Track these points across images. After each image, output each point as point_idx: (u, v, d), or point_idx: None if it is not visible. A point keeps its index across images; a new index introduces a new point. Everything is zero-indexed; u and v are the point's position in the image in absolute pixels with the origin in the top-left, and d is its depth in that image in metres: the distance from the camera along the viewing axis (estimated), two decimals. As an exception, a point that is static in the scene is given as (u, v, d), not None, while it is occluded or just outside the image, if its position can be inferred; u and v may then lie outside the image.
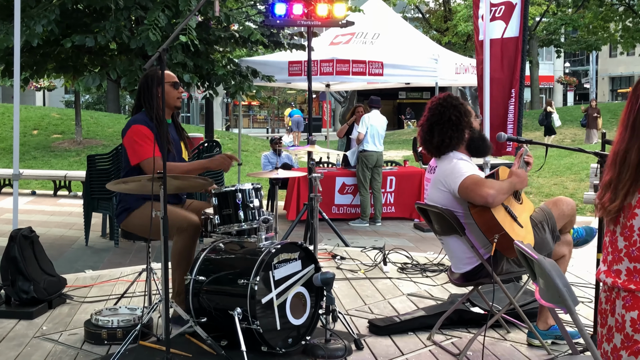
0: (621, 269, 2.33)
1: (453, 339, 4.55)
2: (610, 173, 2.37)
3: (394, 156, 18.89)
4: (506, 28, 6.95)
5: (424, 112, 4.48)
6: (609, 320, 2.39)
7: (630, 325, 2.28)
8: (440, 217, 4.28)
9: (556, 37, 40.82)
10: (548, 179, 14.42)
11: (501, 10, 6.97)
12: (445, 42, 30.58)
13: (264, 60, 11.59)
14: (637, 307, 2.27)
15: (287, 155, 11.32)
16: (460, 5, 33.39)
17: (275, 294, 4.10)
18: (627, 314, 2.29)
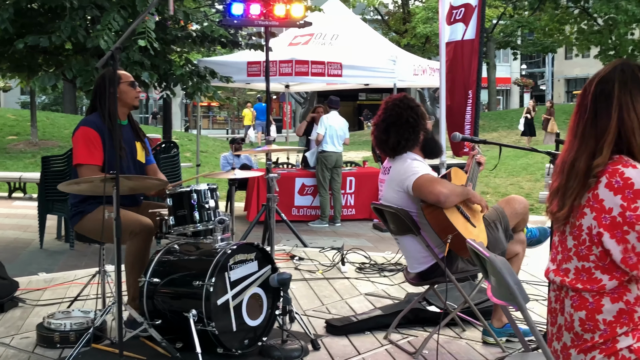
0: (570, 267, 2.36)
1: (409, 337, 4.58)
2: (559, 180, 2.40)
3: (353, 157, 18.91)
4: (466, 30, 7.02)
5: (378, 112, 4.49)
6: (558, 319, 2.42)
7: (579, 324, 2.31)
8: (396, 217, 4.30)
9: (513, 39, 41.33)
10: (504, 179, 14.60)
11: (461, 13, 7.03)
12: (405, 44, 30.78)
13: (223, 60, 11.53)
14: (585, 307, 2.30)
15: (246, 156, 11.27)
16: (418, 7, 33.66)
17: (231, 295, 4.08)
18: (575, 313, 2.32)
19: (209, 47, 9.96)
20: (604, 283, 2.26)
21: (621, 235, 2.20)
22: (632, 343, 2.24)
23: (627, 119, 2.27)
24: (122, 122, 4.73)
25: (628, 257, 2.19)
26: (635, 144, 2.27)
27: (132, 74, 6.79)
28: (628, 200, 2.19)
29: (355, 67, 10.71)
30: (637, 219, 2.17)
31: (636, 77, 2.31)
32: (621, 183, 2.21)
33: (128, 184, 4.17)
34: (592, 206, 2.26)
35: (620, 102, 2.28)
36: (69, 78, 8.04)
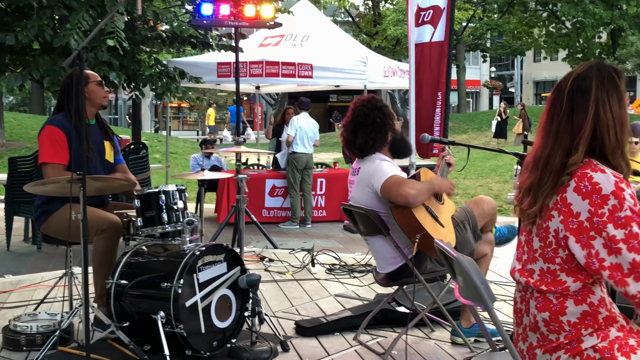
0: (535, 268, 2.37)
1: (379, 338, 4.59)
2: (531, 177, 2.39)
3: (324, 158, 18.94)
4: (434, 32, 7.04)
5: (347, 113, 4.49)
6: (524, 319, 2.44)
7: (544, 325, 2.33)
8: (365, 217, 4.31)
9: (482, 42, 41.65)
10: (474, 180, 14.71)
11: (429, 15, 7.05)
12: (375, 46, 30.86)
13: (193, 61, 11.46)
14: (549, 309, 2.32)
15: (216, 157, 11.22)
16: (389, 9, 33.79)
17: (200, 297, 4.05)
18: (539, 314, 2.34)
19: (178, 48, 9.91)
20: (568, 285, 2.27)
21: (587, 240, 2.21)
22: (596, 342, 2.25)
23: (603, 116, 2.27)
24: (90, 121, 4.69)
25: (591, 262, 2.20)
26: (609, 143, 2.27)
27: (100, 74, 6.73)
28: (595, 205, 2.19)
29: (325, 68, 10.71)
30: (604, 225, 2.17)
31: (612, 77, 2.32)
32: (589, 188, 2.21)
33: (95, 184, 4.13)
34: (560, 209, 2.27)
35: (597, 98, 2.28)
36: (36, 78, 7.94)
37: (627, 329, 2.32)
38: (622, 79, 2.34)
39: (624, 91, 2.34)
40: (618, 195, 2.18)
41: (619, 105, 2.30)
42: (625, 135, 2.30)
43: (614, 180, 2.20)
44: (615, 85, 2.31)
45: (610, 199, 2.18)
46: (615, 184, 2.19)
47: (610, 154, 2.28)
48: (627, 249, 2.14)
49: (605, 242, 2.17)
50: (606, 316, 2.28)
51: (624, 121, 2.30)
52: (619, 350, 2.23)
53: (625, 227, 2.15)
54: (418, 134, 6.63)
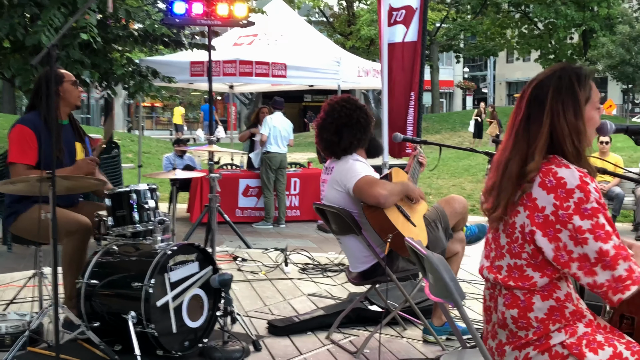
0: (502, 265, 2.39)
1: (351, 337, 4.60)
2: (494, 179, 2.43)
3: (298, 158, 18.92)
4: (407, 32, 7.07)
5: (321, 114, 4.46)
6: (493, 317, 2.46)
7: (513, 322, 2.35)
8: (338, 217, 4.31)
9: (455, 42, 41.93)
10: (447, 180, 14.78)
11: (402, 15, 7.07)
12: (350, 46, 30.92)
13: (165, 60, 11.38)
14: (516, 306, 2.34)
15: (189, 157, 11.16)
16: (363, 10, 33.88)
17: (171, 297, 4.03)
18: (507, 311, 2.36)
19: (151, 47, 9.85)
20: (535, 280, 2.30)
21: (553, 234, 2.23)
22: (564, 339, 2.28)
23: (559, 126, 2.30)
24: (62, 121, 4.64)
25: (560, 255, 2.23)
26: (568, 150, 2.30)
27: (73, 72, 6.65)
28: (561, 199, 2.22)
29: (299, 68, 10.70)
30: (570, 217, 2.20)
31: (571, 86, 2.33)
32: (554, 182, 2.24)
33: (65, 183, 4.08)
34: (525, 205, 2.30)
35: (552, 109, 2.31)
36: (7, 77, 7.85)
37: (595, 325, 2.34)
38: (583, 85, 2.34)
39: (585, 98, 2.34)
40: (583, 188, 2.21)
41: (575, 116, 2.31)
42: (583, 143, 2.32)
43: (578, 174, 2.23)
44: (573, 95, 2.32)
45: (575, 192, 2.21)
46: (579, 178, 2.22)
47: (573, 160, 2.31)
48: (594, 239, 2.17)
49: (572, 234, 2.20)
50: (573, 311, 2.31)
51: (581, 130, 2.31)
52: (587, 346, 2.25)
53: (592, 218, 2.18)
54: (391, 133, 6.66)
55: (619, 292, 2.16)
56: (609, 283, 2.17)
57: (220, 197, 5.59)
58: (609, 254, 2.16)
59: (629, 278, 2.15)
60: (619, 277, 2.16)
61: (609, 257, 2.16)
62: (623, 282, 2.15)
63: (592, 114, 2.36)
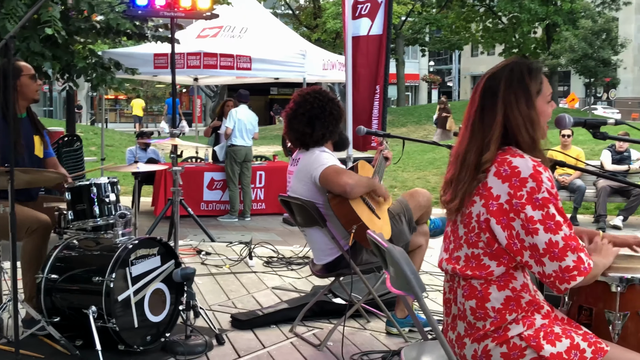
0: (460, 255, 2.42)
1: (315, 330, 4.60)
2: (452, 172, 2.47)
3: (264, 151, 18.88)
4: (372, 26, 7.07)
5: (290, 105, 4.44)
6: (452, 309, 2.48)
7: (471, 313, 2.37)
8: (302, 209, 4.30)
9: (421, 36, 42.17)
10: (412, 173, 14.86)
11: (367, 8, 7.07)
12: (315, 39, 30.92)
13: (129, 52, 11.26)
14: (474, 297, 2.36)
15: (153, 150, 11.06)
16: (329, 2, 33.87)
17: (133, 291, 3.99)
18: (466, 302, 2.39)
19: (114, 39, 9.72)
20: (492, 269, 2.33)
21: (507, 222, 2.27)
22: (522, 330, 2.30)
23: (512, 116, 2.35)
24: (21, 115, 4.56)
25: (512, 243, 2.27)
26: (522, 140, 2.35)
27: (33, 64, 6.56)
28: (515, 188, 2.26)
29: (264, 60, 10.66)
30: (522, 206, 2.24)
31: (522, 78, 2.38)
32: (509, 171, 2.28)
33: (24, 177, 4.01)
34: (481, 194, 2.33)
35: (504, 100, 2.36)
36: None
37: (553, 317, 2.38)
38: (534, 79, 2.39)
39: (537, 90, 2.39)
40: (536, 178, 2.25)
41: (528, 106, 2.36)
42: (537, 133, 2.37)
43: (532, 164, 2.28)
44: (525, 86, 2.37)
45: (528, 181, 2.25)
46: (533, 168, 2.27)
47: (527, 150, 2.35)
48: (544, 230, 2.22)
49: (524, 224, 2.24)
50: (529, 301, 2.34)
51: (534, 120, 2.36)
52: (544, 338, 2.28)
53: (543, 209, 2.23)
54: (355, 127, 6.66)
55: (565, 282, 2.23)
56: (556, 274, 2.22)
57: (183, 191, 5.53)
58: (558, 246, 2.21)
59: (576, 269, 2.21)
60: (566, 268, 2.21)
61: (557, 249, 2.21)
62: (570, 273, 2.21)
63: (544, 107, 2.40)
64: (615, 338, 2.47)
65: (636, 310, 2.49)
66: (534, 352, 2.27)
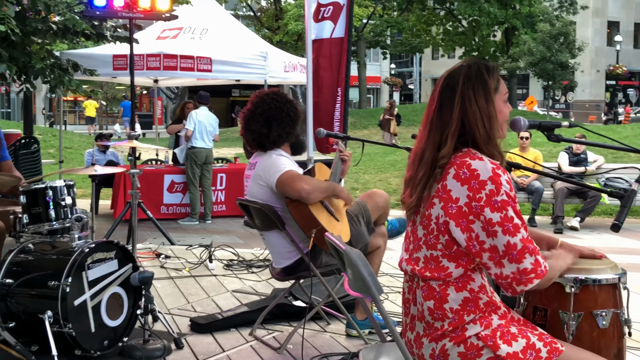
0: (420, 256, 2.43)
1: (275, 333, 4.59)
2: (410, 171, 2.49)
3: (226, 153, 18.79)
4: (334, 28, 7.08)
5: (248, 106, 4.43)
6: (411, 309, 2.49)
7: (429, 313, 2.38)
8: (261, 212, 4.29)
9: (382, 39, 42.38)
10: (373, 175, 14.92)
11: (329, 11, 7.08)
12: (277, 41, 30.88)
13: (87, 53, 11.12)
14: (433, 297, 2.38)
15: (112, 152, 10.95)
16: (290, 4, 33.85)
17: (89, 295, 3.94)
18: (425, 303, 2.40)
19: (72, 39, 9.59)
20: (450, 271, 2.34)
21: (466, 224, 2.29)
22: (479, 330, 2.32)
23: (470, 110, 2.36)
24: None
25: (472, 244, 2.29)
26: (479, 135, 2.36)
27: (-12, 65, 6.44)
28: (474, 190, 2.28)
29: (225, 62, 10.60)
30: (482, 209, 2.26)
31: (481, 74, 2.41)
32: (468, 174, 2.30)
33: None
34: (440, 196, 2.35)
35: (462, 94, 2.38)
36: None
37: (509, 317, 2.40)
38: (492, 75, 2.42)
39: (494, 87, 2.42)
40: (495, 180, 2.27)
41: (486, 100, 2.39)
42: (494, 128, 2.39)
43: (491, 166, 2.29)
44: (483, 81, 2.40)
45: (487, 184, 2.27)
46: (492, 170, 2.28)
47: (483, 145, 2.37)
48: (502, 232, 2.24)
49: (484, 226, 2.26)
50: (487, 302, 2.36)
51: (492, 115, 2.39)
52: (501, 338, 2.31)
53: (501, 211, 2.25)
54: (316, 129, 6.66)
55: (522, 284, 2.26)
56: (513, 275, 2.25)
57: (141, 193, 5.47)
58: (517, 248, 2.24)
59: (533, 271, 2.25)
60: (524, 270, 2.24)
61: (515, 251, 2.24)
62: (527, 275, 2.24)
63: (501, 105, 2.43)
64: (569, 338, 2.51)
65: (590, 311, 2.53)
66: (491, 351, 2.29)
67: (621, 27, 51.73)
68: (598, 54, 50.47)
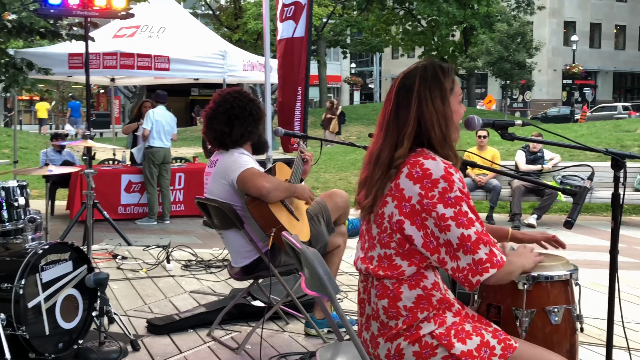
0: (374, 255, 2.43)
1: (233, 333, 4.56)
2: (366, 172, 2.49)
3: (185, 153, 18.65)
4: (296, 28, 7.09)
5: (210, 105, 4.40)
6: (366, 309, 2.50)
7: (384, 312, 2.39)
8: (220, 211, 4.26)
9: (342, 38, 42.46)
10: (334, 174, 14.94)
11: (291, 10, 7.09)
12: (236, 40, 30.74)
13: (42, 52, 10.93)
14: (386, 296, 2.38)
15: (68, 152, 10.79)
16: (250, 3, 33.74)
17: (44, 298, 3.87)
18: (379, 302, 2.40)
19: (26, 38, 9.43)
20: (403, 269, 2.35)
21: (420, 222, 2.30)
22: (434, 329, 2.33)
23: (426, 111, 2.38)
24: None
25: (429, 241, 2.30)
26: (434, 136, 2.38)
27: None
28: (426, 189, 2.29)
29: (183, 61, 10.50)
30: (434, 206, 2.27)
31: (436, 75, 2.43)
32: (420, 173, 2.31)
33: None
34: (393, 195, 2.35)
35: (419, 95, 2.39)
36: None
37: (463, 315, 2.41)
38: (447, 76, 2.44)
39: (450, 88, 2.44)
40: (447, 178, 2.28)
41: (442, 101, 2.40)
42: (450, 129, 2.41)
43: (443, 166, 2.31)
44: (439, 83, 2.42)
45: (440, 182, 2.28)
46: (444, 169, 2.30)
47: (438, 146, 2.39)
48: (456, 225, 2.25)
49: (436, 222, 2.27)
50: (440, 299, 2.37)
51: (448, 116, 2.41)
52: (455, 336, 2.32)
53: (455, 206, 2.26)
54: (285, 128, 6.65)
55: (478, 275, 2.26)
56: (469, 266, 2.26)
57: (96, 194, 5.39)
58: (471, 239, 2.25)
59: (489, 261, 2.25)
60: (479, 260, 2.25)
61: (470, 242, 2.25)
62: (482, 265, 2.25)
63: (456, 106, 2.45)
64: (522, 334, 2.54)
65: (542, 307, 2.56)
66: (445, 350, 2.30)
67: (577, 27, 52.61)
68: (555, 53, 51.27)
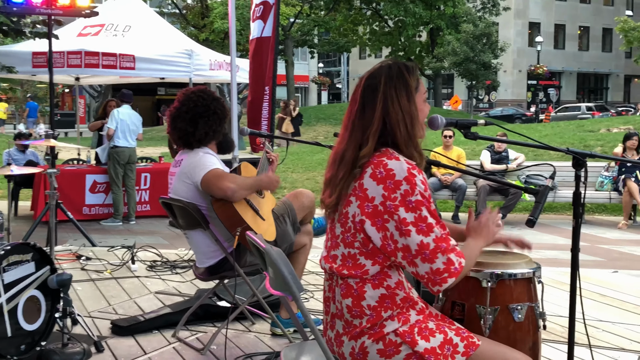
0: (338, 254, 2.44)
1: (198, 334, 4.54)
2: (331, 171, 2.48)
3: (151, 153, 18.51)
4: (264, 27, 7.08)
5: (175, 104, 4.38)
6: (331, 307, 2.50)
7: (348, 311, 2.39)
8: (184, 211, 4.24)
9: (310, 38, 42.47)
10: (301, 174, 14.94)
11: (260, 10, 7.09)
12: (203, 39, 30.56)
13: (6, 50, 10.76)
14: (350, 295, 2.39)
15: (32, 152, 10.64)
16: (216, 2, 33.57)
17: (5, 299, 3.81)
18: (343, 301, 2.41)
19: (-11, 35, 9.31)
20: (367, 268, 2.36)
21: (381, 223, 2.30)
22: (398, 327, 2.34)
23: (392, 110, 2.38)
24: None
25: (387, 244, 2.30)
26: (400, 135, 2.38)
27: None
28: (389, 190, 2.29)
29: (148, 60, 10.42)
30: (396, 208, 2.27)
31: (402, 74, 2.43)
32: (384, 173, 2.31)
33: None
34: (357, 195, 2.36)
35: (385, 94, 2.39)
36: None
37: (427, 313, 2.43)
38: (412, 75, 2.45)
39: (415, 86, 2.44)
40: (410, 180, 2.28)
41: (408, 100, 2.41)
42: (416, 128, 2.41)
43: (406, 167, 2.31)
44: (405, 82, 2.42)
45: (402, 184, 2.28)
46: (407, 170, 2.30)
47: (403, 145, 2.39)
48: (416, 232, 2.26)
49: (397, 225, 2.27)
50: (404, 298, 2.38)
51: (414, 115, 2.41)
52: (419, 334, 2.33)
53: (415, 211, 2.26)
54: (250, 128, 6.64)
55: (437, 285, 2.27)
56: (427, 275, 2.26)
57: (59, 194, 5.33)
58: (429, 247, 2.25)
59: (447, 271, 2.26)
60: (437, 270, 2.25)
61: (428, 251, 2.25)
62: (440, 275, 2.26)
63: (422, 104, 2.46)
64: (486, 332, 2.56)
65: (506, 305, 2.59)
66: (409, 347, 2.32)
67: (542, 28, 53.28)
68: (520, 54, 51.86)
